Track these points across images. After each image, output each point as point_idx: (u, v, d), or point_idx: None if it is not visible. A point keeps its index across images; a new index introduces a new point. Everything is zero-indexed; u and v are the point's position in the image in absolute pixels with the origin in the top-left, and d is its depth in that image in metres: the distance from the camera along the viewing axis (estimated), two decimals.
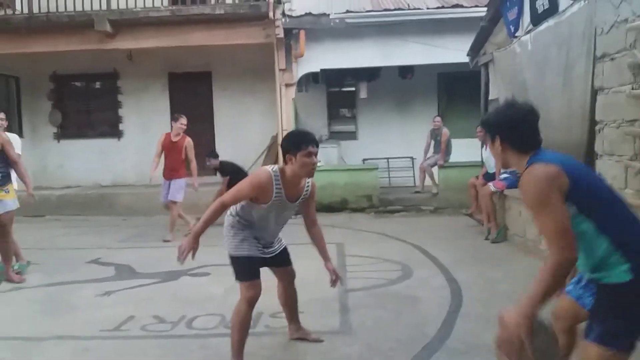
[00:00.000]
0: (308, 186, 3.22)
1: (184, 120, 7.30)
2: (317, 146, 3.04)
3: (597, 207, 2.04)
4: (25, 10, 9.52)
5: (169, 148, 7.29)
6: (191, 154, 7.34)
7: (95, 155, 11.07)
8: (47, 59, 10.40)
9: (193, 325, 3.97)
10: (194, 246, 2.94)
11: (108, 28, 9.16)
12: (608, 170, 3.96)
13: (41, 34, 9.40)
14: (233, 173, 7.78)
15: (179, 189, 7.20)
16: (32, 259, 5.69)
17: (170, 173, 7.24)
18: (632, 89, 3.59)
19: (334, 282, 3.36)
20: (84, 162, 11.00)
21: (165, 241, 6.97)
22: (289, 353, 3.45)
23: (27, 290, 5.00)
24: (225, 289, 4.80)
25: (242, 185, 3.04)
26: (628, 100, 3.64)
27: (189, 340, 3.71)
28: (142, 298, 4.71)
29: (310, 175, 3.09)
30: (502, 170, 6.63)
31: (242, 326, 3.09)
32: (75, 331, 3.90)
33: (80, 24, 9.20)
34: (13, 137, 5.81)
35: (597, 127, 4.15)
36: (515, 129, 2.14)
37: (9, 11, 9.85)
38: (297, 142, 2.99)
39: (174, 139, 7.29)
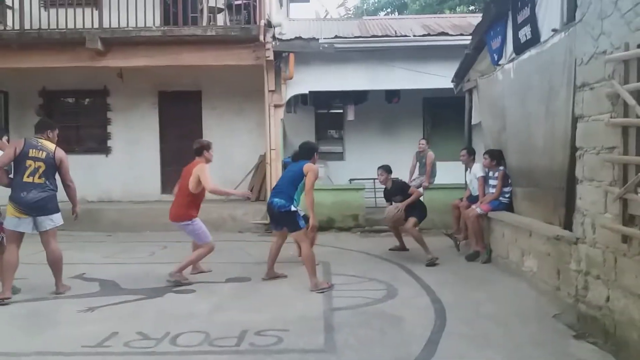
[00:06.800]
0: None
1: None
2: None
3: None
4: (17, 27, 9.56)
5: None
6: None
7: (83, 171, 10.97)
8: (36, 74, 10.43)
9: (177, 342, 3.95)
10: None
11: (99, 46, 9.22)
12: (588, 195, 4.07)
13: (32, 50, 9.43)
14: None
15: None
16: (15, 274, 5.59)
17: None
18: (611, 117, 3.71)
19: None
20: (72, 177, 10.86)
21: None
22: None
23: (9, 305, 4.94)
24: (210, 307, 4.81)
25: None
26: (607, 129, 3.75)
27: (173, 357, 3.70)
28: (126, 314, 4.68)
29: None
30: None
31: None
32: (56, 347, 3.87)
33: (71, 41, 9.26)
34: None
35: (577, 154, 4.26)
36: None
37: (0, 27, 9.89)
38: None
39: None
